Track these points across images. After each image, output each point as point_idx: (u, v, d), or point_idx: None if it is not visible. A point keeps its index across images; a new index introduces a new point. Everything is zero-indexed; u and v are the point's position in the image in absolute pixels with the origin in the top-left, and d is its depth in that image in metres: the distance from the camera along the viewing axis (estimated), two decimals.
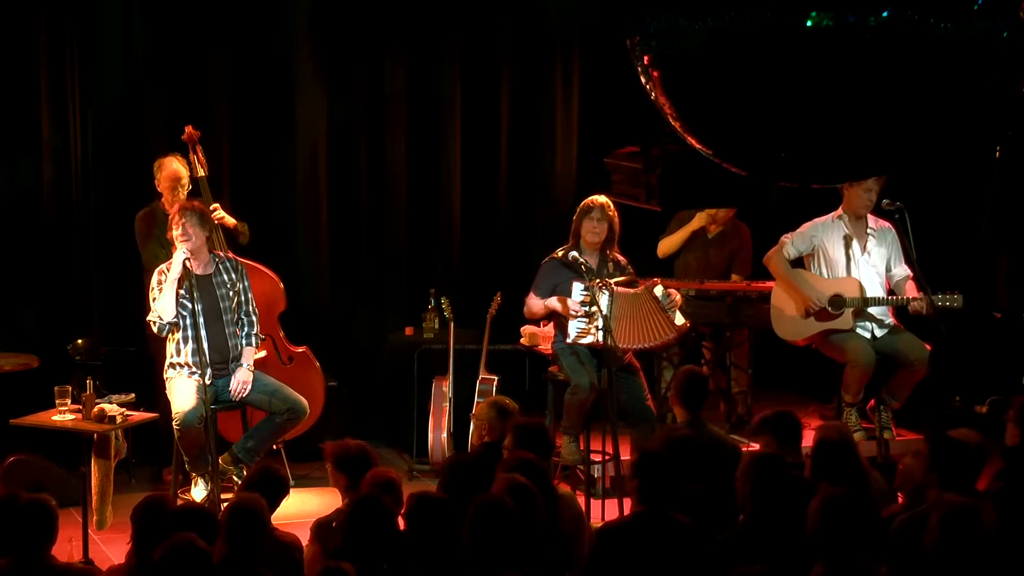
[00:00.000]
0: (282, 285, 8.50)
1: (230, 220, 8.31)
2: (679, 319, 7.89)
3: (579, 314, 7.77)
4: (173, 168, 8.25)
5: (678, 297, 7.93)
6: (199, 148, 8.28)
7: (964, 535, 4.72)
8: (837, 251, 8.29)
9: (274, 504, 5.72)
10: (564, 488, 6.68)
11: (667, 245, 9.34)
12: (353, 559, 5.00)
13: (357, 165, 9.63)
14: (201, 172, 8.29)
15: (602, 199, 8.01)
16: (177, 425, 7.47)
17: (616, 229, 7.97)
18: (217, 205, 8.22)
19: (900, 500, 5.90)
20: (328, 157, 9.49)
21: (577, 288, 7.79)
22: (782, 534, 5.17)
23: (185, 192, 8.22)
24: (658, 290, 7.83)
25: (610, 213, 7.96)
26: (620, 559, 5.16)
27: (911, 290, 8.16)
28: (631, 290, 7.83)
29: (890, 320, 8.31)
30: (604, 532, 5.52)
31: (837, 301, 8.17)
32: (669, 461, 5.61)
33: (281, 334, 8.52)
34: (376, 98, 9.59)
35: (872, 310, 8.22)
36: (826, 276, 8.29)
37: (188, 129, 8.30)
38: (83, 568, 5.75)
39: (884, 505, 5.67)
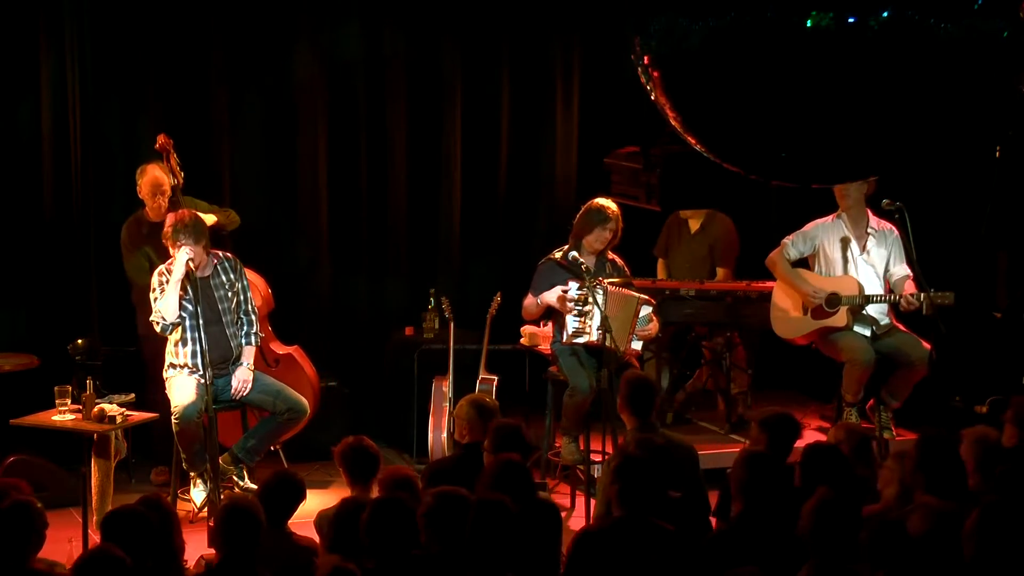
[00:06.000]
0: (268, 287, 8.47)
1: (210, 217, 8.13)
2: (636, 344, 7.88)
3: (573, 311, 7.77)
4: (153, 175, 8.15)
5: (653, 329, 7.92)
6: (173, 156, 8.14)
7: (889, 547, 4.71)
8: (835, 251, 8.30)
9: (291, 509, 5.68)
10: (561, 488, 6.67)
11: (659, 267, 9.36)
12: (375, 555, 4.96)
13: (357, 166, 9.63)
14: (174, 180, 8.16)
15: (615, 207, 8.00)
16: (176, 419, 7.46)
17: (620, 235, 8.01)
18: (194, 212, 8.02)
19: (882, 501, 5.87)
20: (328, 158, 9.49)
21: (573, 287, 7.80)
22: (772, 532, 5.15)
23: (166, 199, 8.13)
24: (644, 308, 7.82)
25: (621, 223, 7.99)
26: (598, 565, 5.09)
27: (908, 288, 8.16)
28: (626, 292, 7.82)
29: (889, 320, 8.31)
30: (582, 537, 5.36)
31: (833, 299, 8.18)
32: (651, 466, 5.47)
33: (265, 337, 8.45)
34: (376, 100, 9.59)
35: (870, 310, 8.22)
36: (826, 275, 8.30)
37: (160, 138, 8.17)
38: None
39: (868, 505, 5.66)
